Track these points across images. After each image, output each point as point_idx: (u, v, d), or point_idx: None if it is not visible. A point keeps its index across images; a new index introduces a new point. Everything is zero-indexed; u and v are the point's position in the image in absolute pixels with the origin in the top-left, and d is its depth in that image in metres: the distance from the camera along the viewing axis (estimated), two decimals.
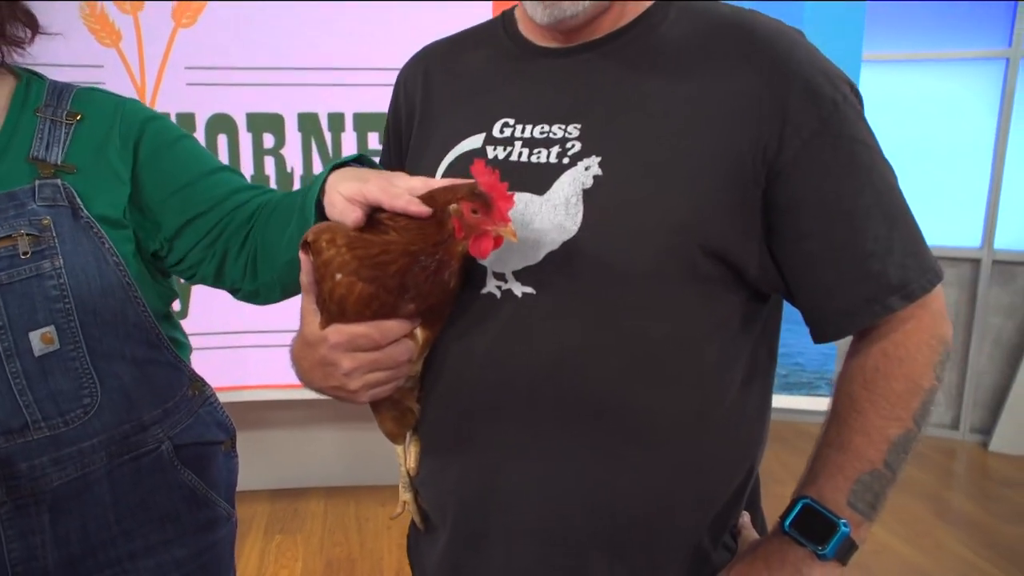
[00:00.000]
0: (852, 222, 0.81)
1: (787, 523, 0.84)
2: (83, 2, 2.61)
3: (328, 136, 2.79)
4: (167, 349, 1.07)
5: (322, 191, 0.88)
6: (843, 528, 0.81)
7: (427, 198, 0.79)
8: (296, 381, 0.88)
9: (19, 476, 0.95)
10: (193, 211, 1.04)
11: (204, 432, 1.14)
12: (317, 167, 2.81)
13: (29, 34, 1.02)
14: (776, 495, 2.91)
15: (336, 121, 2.77)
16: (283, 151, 2.80)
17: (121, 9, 2.65)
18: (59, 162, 0.98)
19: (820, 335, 0.85)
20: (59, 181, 0.96)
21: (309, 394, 0.89)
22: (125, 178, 1.01)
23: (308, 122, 2.77)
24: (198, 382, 1.16)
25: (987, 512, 3.26)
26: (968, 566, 2.83)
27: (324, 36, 2.74)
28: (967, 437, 3.93)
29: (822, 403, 2.87)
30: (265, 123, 2.78)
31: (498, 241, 0.76)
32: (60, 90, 1.03)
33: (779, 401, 2.95)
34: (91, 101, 1.04)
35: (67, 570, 1.01)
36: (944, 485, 3.55)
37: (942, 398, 4.07)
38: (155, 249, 1.06)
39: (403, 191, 0.78)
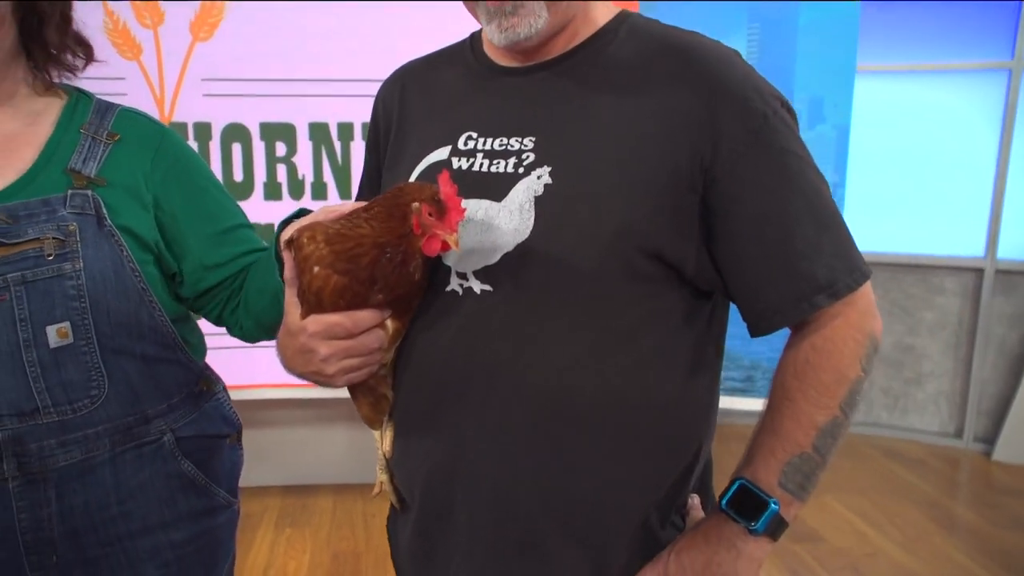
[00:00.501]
0: (782, 225, 0.88)
1: (724, 501, 0.91)
2: (106, 17, 2.73)
3: (338, 145, 2.90)
4: (180, 350, 1.16)
5: (278, 245, 0.99)
6: (773, 506, 0.89)
7: (397, 191, 0.88)
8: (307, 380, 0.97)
9: (29, 454, 1.04)
10: (212, 261, 1.15)
11: (208, 426, 1.22)
12: (327, 174, 2.92)
13: (83, 62, 1.12)
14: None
15: (345, 130, 2.88)
16: (295, 159, 2.91)
17: (142, 24, 2.77)
18: (92, 175, 1.07)
19: (754, 330, 0.93)
20: (90, 192, 1.06)
21: (320, 393, 0.99)
22: (148, 202, 1.11)
23: (319, 131, 2.88)
24: (207, 379, 1.24)
25: (987, 520, 3.29)
26: (964, 572, 2.87)
27: (333, 49, 2.85)
28: (970, 446, 3.96)
29: None
30: (278, 132, 2.90)
31: (445, 245, 0.84)
32: (104, 110, 1.13)
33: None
34: (133, 124, 1.14)
35: (71, 542, 1.09)
36: (946, 493, 3.58)
37: (946, 407, 4.10)
38: (172, 273, 1.15)
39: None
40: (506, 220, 0.90)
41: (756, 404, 2.96)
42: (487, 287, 0.91)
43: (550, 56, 0.95)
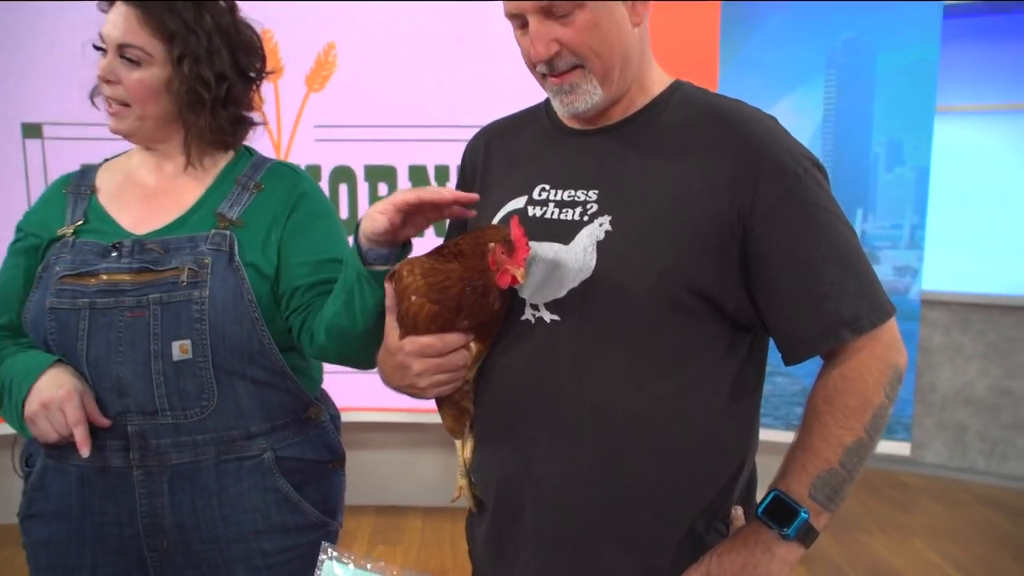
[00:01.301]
0: (810, 269, 1.01)
1: (760, 510, 1.04)
2: None
3: (434, 185, 3.11)
4: (288, 379, 1.29)
5: (358, 239, 1.11)
6: (803, 515, 1.01)
7: (479, 233, 1.04)
8: (404, 404, 1.12)
9: (149, 449, 1.23)
10: (301, 282, 1.27)
11: (309, 451, 1.34)
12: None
13: (233, 138, 1.33)
14: (860, 543, 3.12)
15: (441, 172, 3.09)
16: None
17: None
18: (234, 218, 1.27)
19: (787, 359, 1.05)
20: (228, 231, 1.25)
21: (415, 419, 1.14)
22: (275, 239, 1.28)
23: (417, 173, 3.11)
24: (316, 408, 1.36)
25: None
26: None
27: (430, 99, 3.08)
28: None
29: (901, 447, 2.94)
30: (380, 174, 3.14)
31: (514, 279, 1.00)
32: (259, 164, 1.34)
33: None
34: (278, 177, 1.33)
35: (178, 534, 1.26)
36: None
37: None
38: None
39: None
40: (572, 260, 1.05)
41: None
42: (556, 317, 1.06)
43: (611, 121, 1.11)
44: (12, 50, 2.98)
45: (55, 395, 1.17)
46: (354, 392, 3.10)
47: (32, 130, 3.01)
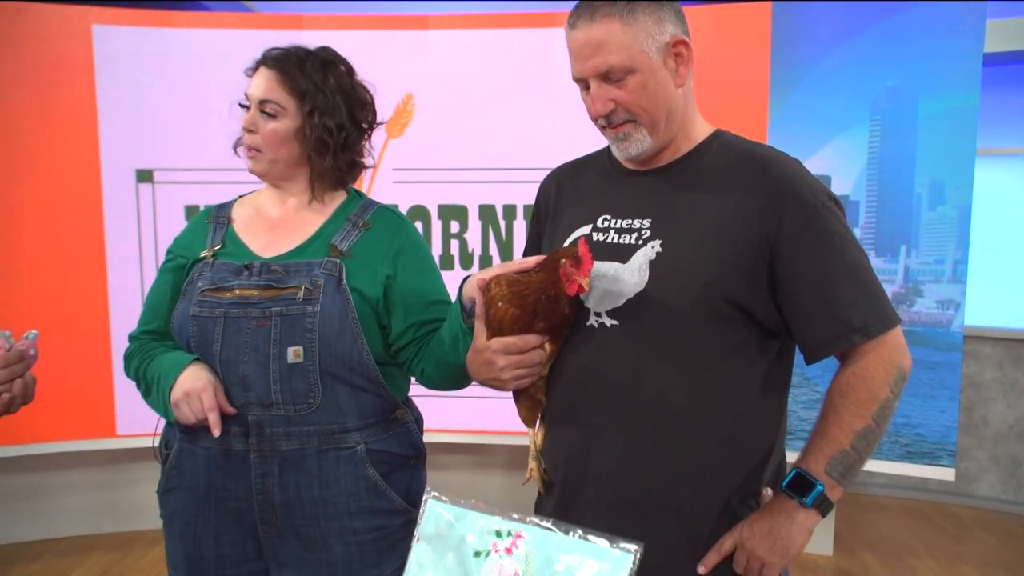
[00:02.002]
0: (827, 286, 1.21)
1: (784, 484, 1.24)
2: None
3: (503, 224, 3.34)
4: (381, 385, 1.50)
5: (462, 296, 1.40)
6: (819, 487, 1.20)
7: (553, 252, 1.27)
8: (472, 427, 1.35)
9: (264, 436, 1.46)
10: (414, 319, 1.52)
11: (395, 446, 1.55)
12: (492, 248, 3.37)
13: (350, 177, 1.59)
14: (909, 566, 3.28)
15: (509, 211, 3.33)
16: (466, 235, 3.39)
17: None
18: (344, 250, 1.51)
19: (808, 359, 1.26)
20: (338, 260, 1.49)
21: (482, 440, 1.36)
22: (381, 272, 1.51)
23: (487, 212, 3.35)
24: (403, 411, 1.57)
25: None
26: None
27: (499, 143, 3.32)
28: None
29: (946, 473, 3.05)
30: (452, 213, 3.39)
31: (581, 288, 1.23)
32: (366, 206, 1.58)
33: (901, 469, 3.13)
34: (383, 218, 1.58)
35: (285, 510, 1.48)
36: None
37: None
38: (383, 324, 1.54)
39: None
40: (629, 276, 1.28)
41: (884, 466, 3.12)
42: (615, 323, 1.28)
43: (662, 164, 1.33)
44: (129, 106, 3.34)
45: (195, 386, 1.41)
46: (428, 414, 3.36)
47: (144, 175, 3.35)
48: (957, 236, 2.97)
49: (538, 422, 1.41)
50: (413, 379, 1.62)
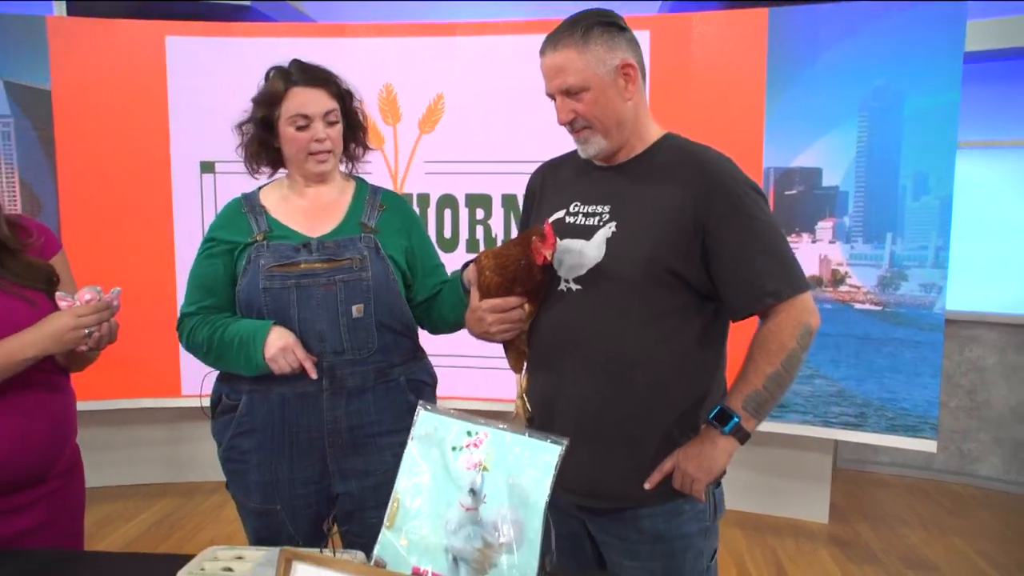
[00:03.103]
0: (746, 258, 1.52)
1: (710, 417, 1.55)
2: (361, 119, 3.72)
3: None
4: (413, 330, 1.91)
5: (462, 272, 1.77)
6: (735, 419, 1.52)
7: (528, 231, 1.61)
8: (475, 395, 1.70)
9: (336, 376, 1.81)
10: (428, 281, 1.92)
11: (422, 375, 1.92)
12: (514, 233, 3.71)
13: (363, 152, 1.95)
14: (898, 535, 3.62)
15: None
16: (490, 222, 3.74)
17: (385, 122, 3.75)
18: (372, 226, 1.87)
19: (733, 318, 1.57)
20: (372, 236, 1.85)
21: (495, 407, 1.67)
22: (401, 244, 1.88)
23: (509, 201, 3.69)
24: (422, 350, 1.97)
25: None
26: None
27: (521, 138, 3.64)
28: None
29: (928, 445, 3.31)
30: (478, 201, 3.74)
31: (546, 258, 1.55)
32: (375, 191, 1.94)
33: (886, 441, 3.40)
34: (391, 199, 1.95)
35: (350, 433, 1.83)
36: None
37: None
38: (408, 285, 1.92)
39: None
40: (590, 251, 1.60)
41: (869, 438, 3.40)
42: (579, 287, 1.61)
43: (619, 161, 1.65)
44: (195, 106, 3.77)
45: (288, 342, 1.75)
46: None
47: (208, 167, 3.79)
48: (939, 224, 3.21)
49: (524, 369, 1.75)
50: None
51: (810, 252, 3.42)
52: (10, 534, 1.61)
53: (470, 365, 3.62)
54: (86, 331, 1.58)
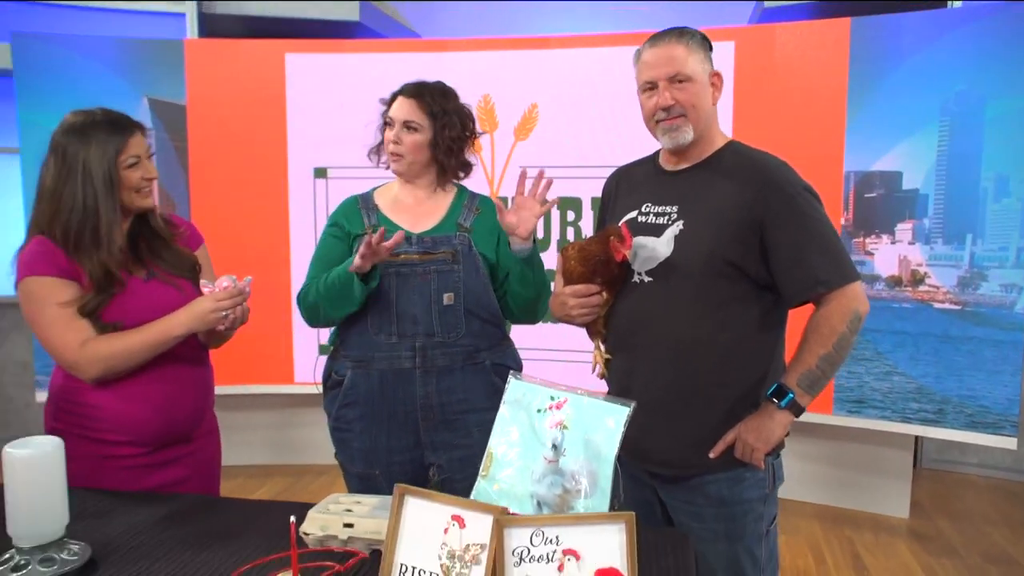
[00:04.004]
0: (799, 251, 1.71)
1: (768, 393, 1.75)
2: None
3: None
4: (499, 319, 2.13)
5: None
6: (790, 395, 1.71)
7: (606, 230, 1.83)
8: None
9: (427, 356, 2.06)
10: (509, 275, 2.13)
11: (507, 360, 2.12)
12: None
13: (464, 174, 2.19)
14: (982, 532, 3.72)
15: None
16: (580, 223, 3.97)
17: (483, 129, 4.03)
18: (467, 227, 2.12)
19: (789, 304, 1.76)
20: (466, 235, 2.10)
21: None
22: (492, 243, 2.11)
23: (598, 203, 3.89)
24: (508, 339, 2.19)
25: None
26: None
27: (609, 144, 3.86)
28: None
29: (1008, 442, 3.36)
30: (569, 204, 3.97)
31: (624, 256, 1.76)
32: (472, 195, 2.19)
33: (965, 437, 3.46)
34: (485, 204, 2.16)
35: (440, 409, 2.07)
36: None
37: None
38: (495, 278, 2.14)
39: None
40: (661, 247, 1.81)
41: (948, 434, 3.47)
42: (651, 279, 1.83)
43: (689, 164, 1.86)
44: (310, 117, 4.14)
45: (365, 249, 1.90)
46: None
47: (320, 172, 4.15)
48: (1021, 225, 3.26)
49: (602, 345, 1.97)
50: None
51: (889, 253, 3.51)
52: (166, 482, 1.93)
53: (554, 359, 3.89)
54: (224, 313, 1.87)
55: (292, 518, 1.25)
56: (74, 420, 1.85)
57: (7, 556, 1.40)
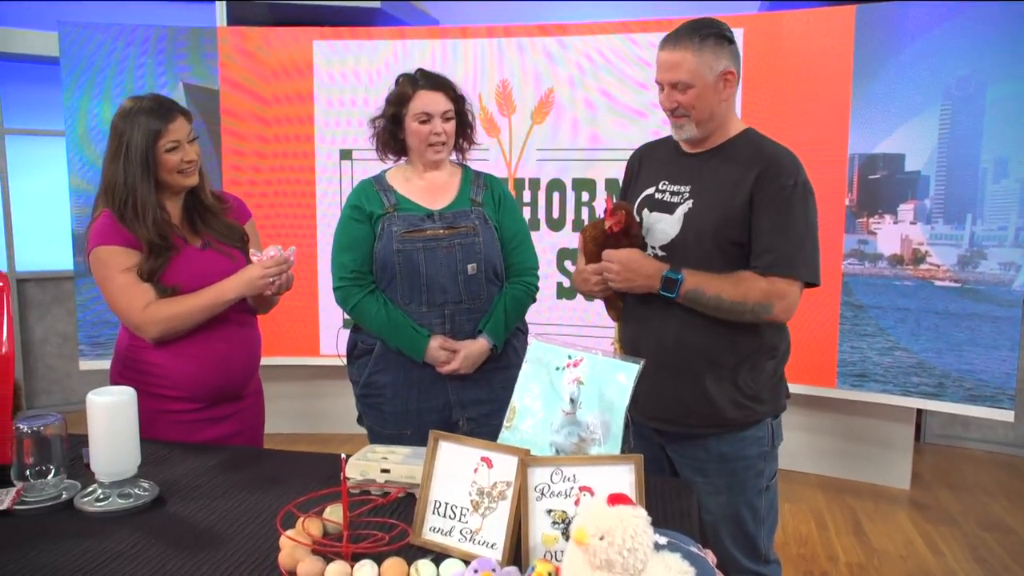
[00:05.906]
0: (769, 232, 1.86)
1: (666, 272, 1.91)
2: (480, 111, 4.15)
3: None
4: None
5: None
6: (680, 278, 1.87)
7: (614, 205, 1.99)
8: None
9: (455, 321, 2.23)
10: (514, 246, 2.31)
11: (519, 323, 2.36)
12: None
13: (468, 146, 2.36)
14: (980, 502, 3.88)
15: None
16: (594, 204, 4.12)
17: (502, 113, 4.18)
18: (479, 201, 2.29)
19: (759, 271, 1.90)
20: (480, 208, 2.27)
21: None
22: (494, 216, 2.29)
23: (612, 184, 4.04)
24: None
25: None
26: None
27: (623, 127, 4.00)
28: None
29: (1005, 415, 3.51)
30: (584, 185, 4.12)
31: (611, 228, 1.92)
32: (477, 174, 2.35)
33: (964, 410, 3.60)
34: (491, 180, 2.35)
35: (478, 372, 2.25)
36: None
37: None
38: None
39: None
40: (671, 224, 1.97)
41: (947, 407, 3.62)
42: (662, 252, 1.99)
43: (704, 148, 2.00)
44: (336, 101, 4.31)
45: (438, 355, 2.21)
46: None
47: (346, 154, 4.33)
48: (1019, 205, 3.39)
49: (620, 318, 2.14)
50: None
51: (892, 232, 3.65)
52: (218, 436, 2.12)
53: (568, 333, 4.06)
54: (271, 279, 2.05)
55: (343, 455, 1.43)
56: (136, 377, 2.04)
57: (91, 488, 1.60)
